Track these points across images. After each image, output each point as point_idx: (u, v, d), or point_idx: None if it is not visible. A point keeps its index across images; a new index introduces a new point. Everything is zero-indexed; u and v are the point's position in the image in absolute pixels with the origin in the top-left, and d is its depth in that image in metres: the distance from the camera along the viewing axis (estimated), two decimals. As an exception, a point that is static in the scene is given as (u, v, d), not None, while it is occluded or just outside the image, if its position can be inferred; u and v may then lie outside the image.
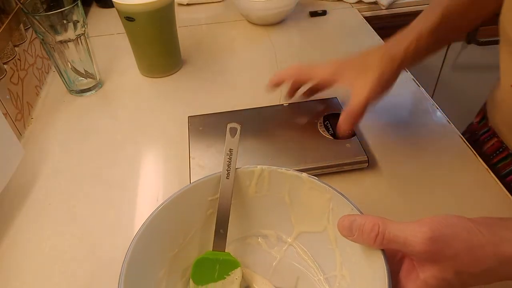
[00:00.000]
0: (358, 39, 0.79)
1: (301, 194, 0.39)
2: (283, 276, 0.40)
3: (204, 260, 0.38)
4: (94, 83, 0.67)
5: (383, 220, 0.31)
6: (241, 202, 0.41)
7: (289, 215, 0.41)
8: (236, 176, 0.39)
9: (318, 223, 0.39)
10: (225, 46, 0.78)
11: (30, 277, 0.42)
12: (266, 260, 0.41)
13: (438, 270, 0.29)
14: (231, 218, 0.39)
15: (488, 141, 0.59)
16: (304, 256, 0.40)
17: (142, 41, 0.66)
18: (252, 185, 0.40)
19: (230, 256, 0.39)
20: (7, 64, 0.58)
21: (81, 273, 0.42)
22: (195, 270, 0.38)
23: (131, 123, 0.61)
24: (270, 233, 0.42)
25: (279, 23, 0.84)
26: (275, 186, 0.40)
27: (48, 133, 0.59)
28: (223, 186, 0.38)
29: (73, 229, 0.46)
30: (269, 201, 0.41)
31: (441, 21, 0.47)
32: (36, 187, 0.51)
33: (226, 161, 0.38)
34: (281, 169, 0.39)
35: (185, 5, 0.92)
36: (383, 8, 0.89)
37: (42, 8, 0.60)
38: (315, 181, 0.37)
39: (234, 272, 0.38)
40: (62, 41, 0.60)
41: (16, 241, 0.45)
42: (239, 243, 0.42)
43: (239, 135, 0.39)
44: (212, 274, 0.38)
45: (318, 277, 0.39)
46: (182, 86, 0.68)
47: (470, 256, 0.29)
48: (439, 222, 0.30)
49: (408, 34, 0.47)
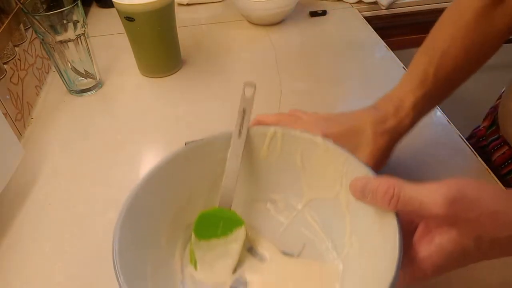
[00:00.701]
0: (358, 39, 0.79)
1: (314, 158, 0.38)
2: (289, 241, 0.38)
3: (208, 215, 0.37)
4: (94, 83, 0.67)
5: (399, 182, 0.29)
6: (251, 165, 0.40)
7: (301, 180, 0.39)
8: (248, 137, 0.38)
9: (330, 189, 0.37)
10: (225, 46, 0.78)
11: (30, 277, 0.42)
12: (273, 225, 0.40)
13: (457, 234, 0.27)
14: (240, 180, 0.38)
15: (497, 149, 0.57)
16: (313, 223, 0.39)
17: (142, 41, 0.66)
18: (264, 148, 0.39)
19: (235, 215, 0.38)
20: (7, 64, 0.58)
21: (81, 273, 0.42)
22: (198, 224, 0.37)
23: (131, 123, 0.61)
24: (279, 198, 0.41)
25: (279, 23, 0.84)
26: (287, 149, 0.38)
27: (48, 133, 0.59)
28: (234, 145, 0.37)
29: (73, 229, 0.46)
30: (281, 165, 0.39)
31: (436, 85, 0.43)
32: (36, 187, 0.51)
33: (239, 120, 0.38)
34: (295, 131, 0.38)
35: (185, 5, 0.92)
36: (383, 8, 0.89)
37: (42, 8, 0.60)
38: (329, 144, 0.36)
39: (237, 230, 0.37)
40: (62, 41, 0.60)
41: (16, 241, 0.45)
42: (246, 206, 0.40)
43: (254, 94, 0.38)
44: (215, 230, 0.37)
45: (325, 245, 0.38)
46: (182, 86, 0.68)
47: (494, 220, 0.27)
48: (461, 184, 0.27)
49: (403, 103, 0.42)
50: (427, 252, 0.28)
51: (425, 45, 0.46)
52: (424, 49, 0.46)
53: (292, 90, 0.65)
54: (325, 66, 0.71)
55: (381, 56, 0.74)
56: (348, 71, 0.71)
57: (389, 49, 0.75)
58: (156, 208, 0.36)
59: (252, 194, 0.41)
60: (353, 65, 0.72)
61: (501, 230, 0.27)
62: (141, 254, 0.33)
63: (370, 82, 0.68)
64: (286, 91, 0.65)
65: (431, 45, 0.45)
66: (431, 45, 0.45)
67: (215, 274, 0.36)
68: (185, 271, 0.36)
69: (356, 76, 0.70)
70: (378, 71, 0.70)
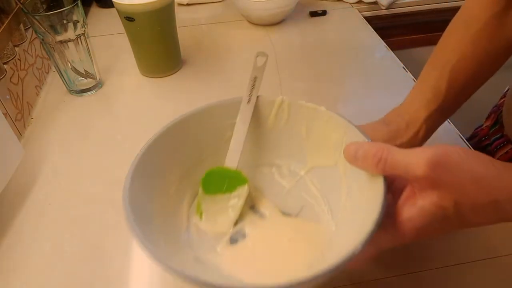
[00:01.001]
0: (358, 39, 0.79)
1: (317, 128, 0.40)
2: (289, 203, 0.41)
3: (215, 172, 0.40)
4: (94, 83, 0.67)
5: (389, 147, 0.30)
6: (259, 131, 0.43)
7: (304, 148, 0.42)
8: (257, 104, 0.41)
9: (330, 157, 0.39)
10: (225, 46, 0.78)
11: (30, 277, 0.42)
12: (276, 188, 0.43)
13: (438, 196, 0.28)
14: (248, 145, 0.41)
15: (500, 148, 0.56)
16: (313, 188, 0.42)
17: (142, 41, 0.66)
18: (271, 116, 0.42)
19: (240, 174, 0.40)
20: (7, 64, 0.58)
21: (81, 273, 0.42)
22: (206, 180, 0.40)
23: (131, 123, 0.61)
24: (284, 164, 0.44)
25: (279, 23, 0.84)
26: (293, 118, 0.41)
27: (48, 133, 0.59)
28: (243, 110, 0.40)
29: (73, 229, 0.46)
30: (286, 133, 0.42)
31: (448, 98, 0.43)
32: (36, 187, 0.51)
33: (249, 87, 0.41)
34: (301, 102, 0.40)
35: (185, 5, 0.92)
36: (383, 8, 0.89)
37: (42, 8, 0.60)
38: (332, 114, 0.38)
39: (241, 188, 0.40)
40: (62, 41, 0.60)
41: (16, 241, 0.45)
42: (252, 170, 0.43)
43: (265, 64, 0.42)
44: (221, 187, 0.40)
45: (322, 208, 0.40)
46: (182, 86, 0.68)
47: (476, 185, 0.27)
48: (449, 149, 0.28)
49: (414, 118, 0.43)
50: (409, 214, 0.29)
51: (434, 57, 0.45)
52: (434, 62, 0.45)
53: (292, 90, 0.65)
54: (325, 66, 0.71)
55: (381, 56, 0.74)
56: (348, 71, 0.71)
57: (389, 49, 0.75)
58: (168, 160, 0.39)
59: (259, 159, 0.44)
60: (353, 65, 0.72)
61: (482, 196, 0.27)
62: (151, 200, 0.36)
63: (370, 82, 0.68)
64: (286, 91, 0.65)
65: (440, 57, 0.44)
66: (440, 57, 0.44)
67: (217, 225, 0.39)
68: (190, 221, 0.39)
69: (356, 76, 0.70)
70: (378, 71, 0.70)
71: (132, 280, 0.41)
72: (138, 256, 0.43)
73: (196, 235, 0.38)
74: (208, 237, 0.38)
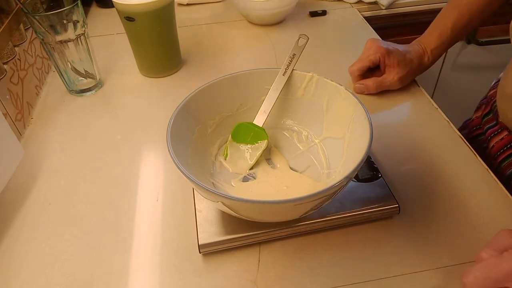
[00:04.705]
0: (358, 39, 0.79)
1: (336, 103, 0.48)
2: (298, 162, 0.49)
3: (245, 125, 0.50)
4: (94, 83, 0.67)
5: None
6: (288, 100, 0.51)
7: (322, 120, 0.50)
8: (290, 77, 0.49)
9: (341, 131, 0.47)
10: (225, 46, 0.78)
11: (30, 277, 0.42)
12: (291, 149, 0.51)
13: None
14: (276, 109, 0.51)
15: (495, 136, 0.58)
16: (321, 154, 0.49)
17: (142, 41, 0.66)
18: (301, 88, 0.50)
19: (263, 131, 0.50)
20: (7, 64, 0.58)
21: (81, 273, 0.42)
22: (235, 129, 0.50)
23: (131, 123, 0.61)
24: (303, 131, 0.52)
25: (279, 23, 0.84)
26: (319, 92, 0.49)
27: (48, 133, 0.59)
28: (278, 79, 0.49)
29: (73, 229, 0.46)
30: (311, 105, 0.50)
31: (451, 36, 0.62)
32: (36, 187, 0.51)
33: (287, 62, 0.49)
34: (327, 79, 0.48)
35: (185, 5, 0.92)
36: (383, 8, 0.89)
37: (42, 8, 0.60)
38: (348, 93, 0.46)
39: (262, 142, 0.50)
40: (62, 41, 0.60)
41: (16, 241, 0.45)
42: (276, 131, 0.53)
43: (304, 45, 0.50)
44: (246, 138, 0.50)
45: (323, 170, 0.48)
46: (182, 86, 0.68)
47: None
48: None
49: (426, 47, 0.63)
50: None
51: (450, 2, 0.62)
52: (449, 5, 0.63)
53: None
54: (325, 66, 0.71)
55: (381, 56, 0.74)
56: (348, 71, 0.71)
57: (389, 49, 0.75)
58: (212, 106, 0.49)
59: (282, 123, 0.53)
60: (353, 65, 0.72)
61: None
62: (192, 133, 0.47)
63: (370, 82, 0.68)
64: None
65: (455, 2, 0.61)
66: (455, 2, 0.61)
67: (237, 167, 0.49)
68: (217, 158, 0.50)
69: (356, 76, 0.70)
70: (378, 71, 0.70)
71: (132, 280, 0.41)
72: (138, 256, 0.43)
73: (218, 169, 0.49)
74: (227, 173, 0.48)
